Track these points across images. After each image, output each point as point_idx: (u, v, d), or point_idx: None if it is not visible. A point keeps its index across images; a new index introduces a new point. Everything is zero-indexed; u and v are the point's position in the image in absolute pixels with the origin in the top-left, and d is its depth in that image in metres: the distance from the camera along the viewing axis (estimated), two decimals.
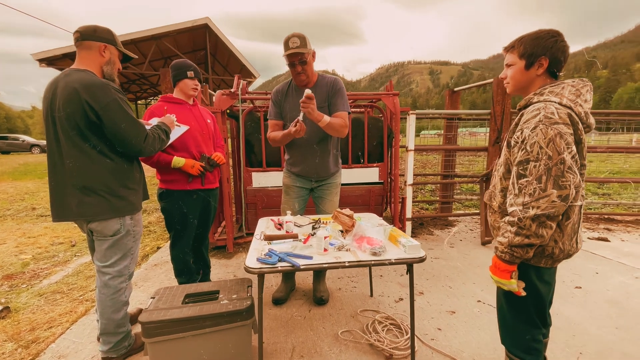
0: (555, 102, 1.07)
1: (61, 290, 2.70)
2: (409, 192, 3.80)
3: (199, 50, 11.89)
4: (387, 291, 2.56)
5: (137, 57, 1.74)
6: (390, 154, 3.91)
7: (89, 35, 1.52)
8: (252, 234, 3.71)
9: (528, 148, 1.05)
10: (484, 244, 3.66)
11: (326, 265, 1.41)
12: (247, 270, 1.39)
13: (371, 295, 2.48)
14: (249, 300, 1.59)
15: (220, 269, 3.01)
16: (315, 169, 2.19)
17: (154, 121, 1.86)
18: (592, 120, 1.12)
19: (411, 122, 3.76)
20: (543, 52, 1.12)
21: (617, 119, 5.25)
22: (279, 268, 1.38)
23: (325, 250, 1.53)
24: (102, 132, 1.48)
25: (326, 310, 2.28)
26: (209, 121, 2.33)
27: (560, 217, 1.06)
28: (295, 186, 2.25)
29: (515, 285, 1.12)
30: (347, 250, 1.57)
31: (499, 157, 1.30)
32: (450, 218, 4.68)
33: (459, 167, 5.22)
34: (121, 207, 1.56)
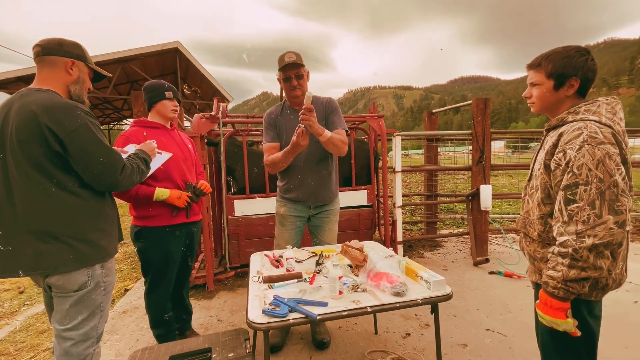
0: (594, 121, 1.00)
1: (7, 351, 2.23)
2: (398, 214, 3.69)
3: (168, 74, 11.57)
4: (392, 326, 2.36)
5: (110, 75, 1.50)
6: (377, 176, 3.82)
7: (53, 50, 1.27)
8: (235, 268, 3.39)
9: (575, 170, 0.95)
10: (476, 264, 3.59)
11: (346, 312, 1.21)
12: (252, 326, 1.15)
13: (375, 332, 2.26)
14: (249, 359, 1.33)
15: (201, 313, 2.65)
16: (315, 193, 2.00)
17: (131, 148, 1.61)
18: (627, 139, 1.05)
19: (397, 143, 3.72)
20: (574, 72, 1.06)
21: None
22: (291, 321, 1.15)
23: (340, 292, 1.32)
24: (66, 163, 1.21)
25: (329, 355, 2.03)
26: (189, 146, 2.10)
27: None
28: (292, 216, 2.04)
29: (572, 325, 0.99)
30: (363, 290, 1.38)
31: (529, 180, 1.20)
32: (437, 239, 4.63)
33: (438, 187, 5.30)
34: (89, 254, 1.26)
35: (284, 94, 2.10)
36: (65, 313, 1.26)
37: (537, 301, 1.07)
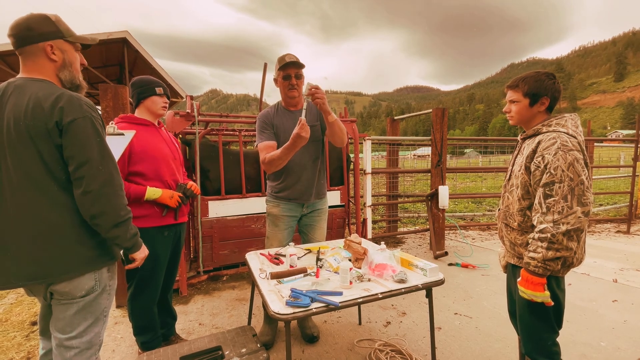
0: (563, 132, 1.24)
1: None
2: (368, 213, 3.91)
3: (112, 66, 10.61)
4: (373, 316, 2.52)
5: (97, 41, 1.29)
6: (348, 177, 4.00)
7: (25, 38, 1.13)
8: (208, 272, 3.29)
9: (552, 171, 1.18)
10: (436, 257, 3.95)
11: (361, 299, 1.32)
12: (276, 317, 1.20)
13: (359, 323, 2.40)
14: (265, 353, 1.36)
15: (179, 318, 2.54)
16: (310, 190, 2.07)
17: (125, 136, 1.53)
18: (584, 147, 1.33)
19: (367, 147, 3.95)
20: (545, 92, 1.31)
21: (493, 143, 6.44)
22: (314, 310, 1.23)
23: (350, 283, 1.42)
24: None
25: (320, 347, 2.12)
26: (177, 145, 2.04)
27: None
28: (285, 216, 2.08)
29: (548, 297, 1.22)
30: (368, 280, 1.50)
31: (509, 179, 1.43)
32: (398, 236, 4.98)
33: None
34: (96, 256, 1.18)
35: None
36: (69, 320, 1.17)
37: (519, 279, 1.29)
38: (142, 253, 1.34)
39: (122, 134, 1.63)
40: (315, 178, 2.08)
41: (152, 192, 1.70)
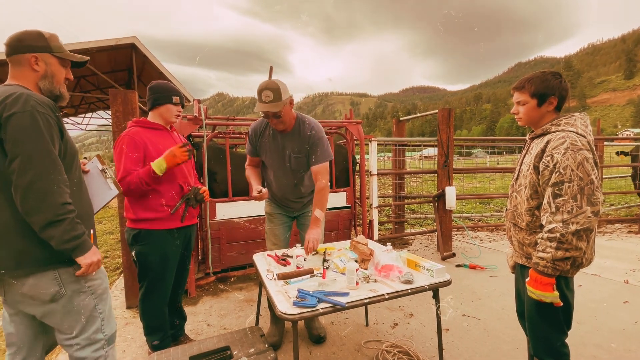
0: (572, 132, 1.24)
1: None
2: (375, 214, 3.91)
3: (121, 71, 10.80)
4: (380, 317, 2.52)
5: (88, 58, 1.36)
6: (354, 179, 4.01)
7: (15, 48, 1.19)
8: (216, 273, 3.33)
9: (562, 171, 1.18)
10: (443, 259, 3.93)
11: (367, 300, 1.33)
12: (283, 317, 1.21)
13: (366, 324, 2.41)
14: (272, 353, 1.38)
15: (188, 319, 2.57)
16: (291, 206, 2.19)
17: (92, 165, 1.48)
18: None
19: (373, 148, 3.95)
20: (552, 92, 1.31)
21: (501, 143, 6.39)
22: (321, 310, 1.24)
23: (357, 283, 1.43)
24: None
25: (327, 348, 2.13)
26: None
27: None
28: (279, 213, 2.19)
29: (557, 297, 1.21)
30: (374, 281, 1.51)
31: (516, 179, 1.43)
32: (405, 237, 4.96)
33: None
34: (45, 257, 1.15)
35: None
36: (60, 325, 1.22)
37: (528, 279, 1.29)
38: (87, 259, 1.19)
39: (109, 188, 1.48)
40: (296, 198, 2.15)
41: (158, 164, 1.68)
